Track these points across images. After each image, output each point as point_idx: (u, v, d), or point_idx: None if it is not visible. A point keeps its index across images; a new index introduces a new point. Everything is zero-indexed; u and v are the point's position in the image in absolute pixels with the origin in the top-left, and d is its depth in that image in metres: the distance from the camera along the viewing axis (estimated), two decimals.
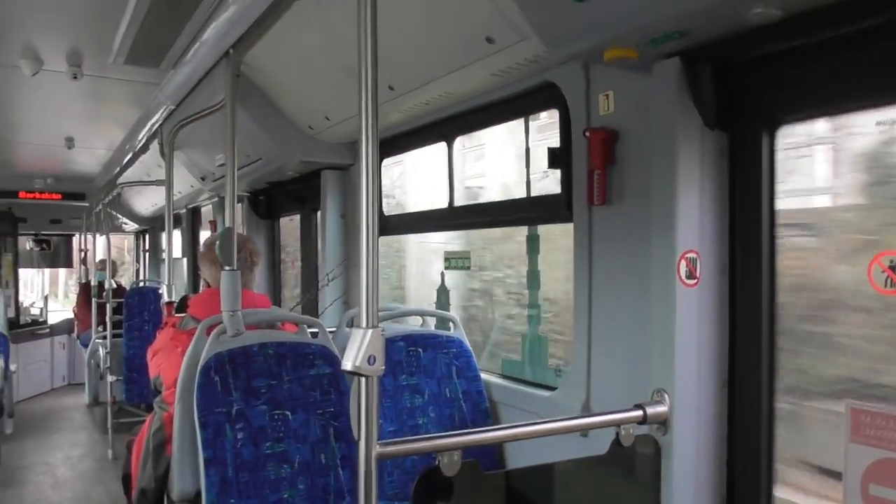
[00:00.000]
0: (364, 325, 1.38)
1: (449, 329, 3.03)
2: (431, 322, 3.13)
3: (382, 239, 3.74)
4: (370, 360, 1.36)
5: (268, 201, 5.61)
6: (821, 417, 2.02)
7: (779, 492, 1.96)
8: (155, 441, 2.80)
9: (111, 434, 6.31)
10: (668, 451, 1.90)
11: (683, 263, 1.90)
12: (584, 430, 2.26)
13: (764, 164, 1.93)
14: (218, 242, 2.47)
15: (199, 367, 2.40)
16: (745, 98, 1.93)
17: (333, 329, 2.91)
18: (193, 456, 2.42)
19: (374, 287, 1.40)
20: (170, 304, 3.75)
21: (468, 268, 3.39)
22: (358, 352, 1.36)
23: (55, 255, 10.77)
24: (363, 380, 1.38)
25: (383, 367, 1.38)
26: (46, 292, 10.79)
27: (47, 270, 11.18)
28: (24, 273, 10.70)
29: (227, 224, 2.53)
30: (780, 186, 1.93)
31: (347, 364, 1.36)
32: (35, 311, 10.11)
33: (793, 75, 1.82)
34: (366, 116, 1.40)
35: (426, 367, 2.85)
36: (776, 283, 1.95)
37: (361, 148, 1.41)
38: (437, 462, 1.54)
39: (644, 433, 1.89)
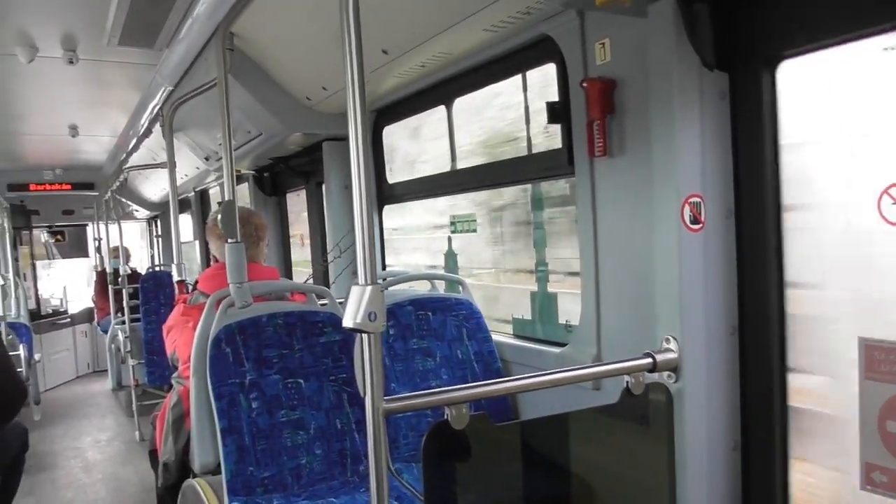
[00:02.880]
0: (363, 282, 1.38)
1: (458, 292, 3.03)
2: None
3: None
4: (371, 316, 1.35)
5: (273, 178, 5.60)
6: None
7: None
8: (174, 415, 2.84)
9: (136, 416, 6.44)
10: (680, 397, 1.89)
11: (687, 208, 1.87)
12: (594, 381, 2.26)
13: (765, 103, 1.89)
14: (219, 216, 2.47)
15: (209, 340, 2.41)
16: (744, 35, 1.88)
17: (342, 300, 2.91)
18: (211, 427, 2.45)
19: (370, 246, 1.40)
20: (180, 282, 3.78)
21: (475, 230, 3.38)
22: (358, 309, 1.35)
23: (70, 245, 10.87)
24: (365, 336, 1.38)
25: (384, 324, 1.38)
26: (66, 283, 10.88)
27: (84, 261, 11.27)
28: (65, 265, 10.87)
29: (228, 198, 2.53)
30: None
31: (349, 321, 1.36)
32: (56, 301, 10.23)
33: (792, 6, 1.77)
34: (351, 82, 1.38)
35: (436, 329, 2.85)
36: (783, 225, 1.92)
37: (350, 114, 1.39)
38: (445, 416, 1.54)
39: (655, 381, 1.88)
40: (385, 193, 3.86)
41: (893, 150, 1.65)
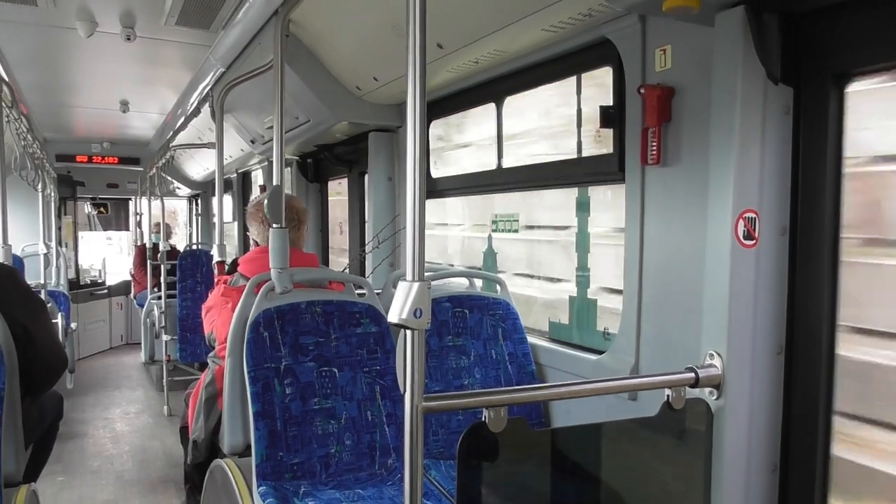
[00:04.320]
0: (410, 278, 1.37)
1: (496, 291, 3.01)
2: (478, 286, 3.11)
3: None
4: (416, 312, 1.34)
5: (316, 165, 5.64)
6: None
7: None
8: (207, 394, 2.88)
9: (166, 391, 6.54)
10: (721, 415, 1.85)
11: (741, 223, 1.83)
12: (633, 392, 2.22)
13: (831, 121, 1.83)
14: (266, 201, 2.49)
15: (248, 323, 2.43)
16: (813, 49, 1.83)
17: (380, 291, 2.92)
18: (243, 409, 2.47)
19: (420, 243, 1.39)
20: (220, 262, 3.82)
21: (517, 230, 3.35)
22: (404, 304, 1.34)
23: (113, 218, 11.09)
24: (409, 333, 1.37)
25: (429, 321, 1.37)
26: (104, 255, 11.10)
27: (125, 234, 11.50)
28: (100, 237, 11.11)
29: (276, 184, 2.54)
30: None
31: (394, 316, 1.35)
32: (94, 272, 10.45)
33: (865, 22, 1.71)
34: (413, 75, 1.37)
35: (472, 328, 2.84)
36: (839, 246, 1.86)
37: (408, 107, 1.38)
38: (483, 418, 1.53)
39: (696, 397, 1.85)
40: (429, 188, 3.86)
41: None
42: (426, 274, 2.98)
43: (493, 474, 1.65)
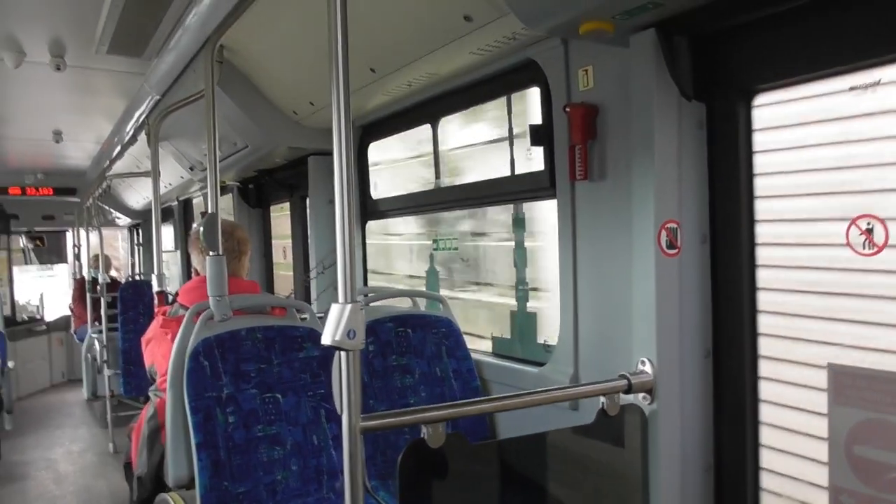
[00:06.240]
0: (342, 300, 1.39)
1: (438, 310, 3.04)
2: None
3: None
4: (350, 334, 1.37)
5: (257, 190, 5.60)
6: None
7: None
8: (149, 428, 2.82)
9: (111, 428, 6.33)
10: (655, 419, 1.92)
11: (664, 233, 1.91)
12: (571, 401, 2.28)
13: (741, 134, 1.94)
14: (201, 228, 2.47)
15: (187, 353, 2.41)
16: (721, 68, 1.94)
17: (322, 315, 2.92)
18: (186, 441, 2.43)
19: (351, 265, 1.42)
20: (160, 293, 3.76)
21: (456, 248, 3.40)
22: (337, 326, 1.37)
23: (50, 251, 10.73)
24: (344, 354, 1.39)
25: (363, 342, 1.39)
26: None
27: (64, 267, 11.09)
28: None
29: (211, 211, 2.53)
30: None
31: (327, 339, 1.38)
32: (32, 308, 10.08)
33: (767, 43, 1.82)
34: (337, 98, 1.40)
35: (416, 347, 2.86)
36: (756, 252, 1.96)
37: (335, 130, 1.41)
38: (422, 435, 1.56)
39: (630, 402, 1.91)
40: (369, 209, 3.88)
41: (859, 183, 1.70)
42: (368, 295, 3.01)
43: (436, 490, 1.67)
